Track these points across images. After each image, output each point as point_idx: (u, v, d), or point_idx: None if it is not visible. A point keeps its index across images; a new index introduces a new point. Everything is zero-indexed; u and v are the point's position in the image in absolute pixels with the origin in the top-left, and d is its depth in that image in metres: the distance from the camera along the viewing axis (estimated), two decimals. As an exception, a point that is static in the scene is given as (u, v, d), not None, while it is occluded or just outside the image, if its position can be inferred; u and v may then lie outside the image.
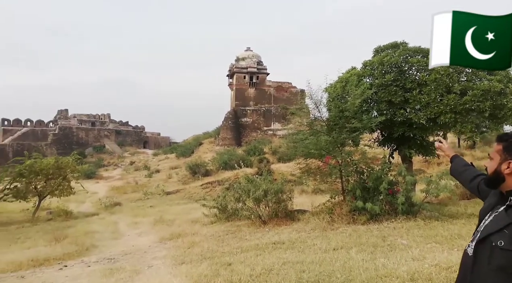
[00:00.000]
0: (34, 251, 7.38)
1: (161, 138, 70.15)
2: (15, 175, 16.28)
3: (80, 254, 7.29)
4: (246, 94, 48.73)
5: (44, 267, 6.16)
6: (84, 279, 4.97)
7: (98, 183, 33.75)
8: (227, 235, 7.71)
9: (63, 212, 16.01)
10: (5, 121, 53.70)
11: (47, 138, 52.82)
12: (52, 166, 16.76)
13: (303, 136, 8.76)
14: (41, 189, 16.67)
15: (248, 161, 27.43)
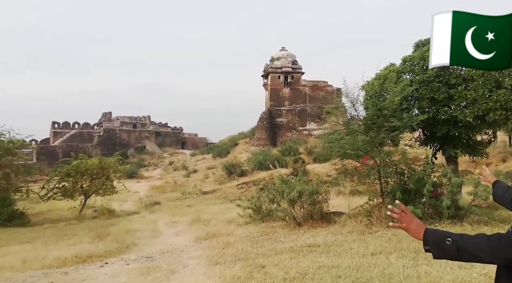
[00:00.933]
0: (78, 247, 7.75)
1: (198, 138, 71.71)
2: (63, 175, 17.31)
3: (120, 252, 7.55)
4: (281, 94, 48.52)
5: (86, 263, 6.44)
6: (122, 277, 5.13)
7: (139, 182, 35.08)
8: (261, 236, 7.66)
9: (106, 211, 16.78)
10: (55, 124, 57.37)
11: (93, 140, 55.80)
12: (96, 166, 17.62)
13: (339, 135, 8.51)
14: (86, 188, 17.58)
15: (283, 162, 27.26)
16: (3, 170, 14.88)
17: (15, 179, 15.68)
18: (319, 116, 43.84)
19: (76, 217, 15.97)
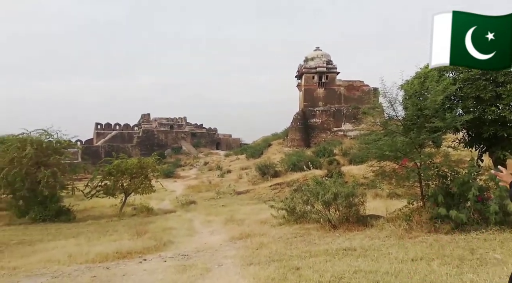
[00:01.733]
0: (119, 244, 8.08)
1: (232, 139, 72.55)
2: (105, 173, 18.16)
3: (158, 249, 7.78)
4: (315, 95, 47.92)
5: (126, 259, 6.70)
6: (160, 274, 5.27)
7: (176, 182, 36.06)
8: (295, 238, 7.59)
9: (145, 209, 17.41)
10: (98, 125, 60.38)
11: (133, 140, 58.13)
12: (135, 166, 18.33)
13: (376, 136, 8.25)
14: (126, 186, 18.32)
15: (317, 163, 26.90)
16: (51, 169, 15.85)
17: (62, 177, 16.65)
18: (354, 116, 42.81)
19: (117, 214, 16.69)
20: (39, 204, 15.40)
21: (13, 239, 10.43)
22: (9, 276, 5.48)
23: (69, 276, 5.40)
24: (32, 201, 15.61)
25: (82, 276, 5.34)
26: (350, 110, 45.65)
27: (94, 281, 5.08)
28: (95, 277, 5.24)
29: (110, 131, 59.59)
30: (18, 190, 15.49)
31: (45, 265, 6.23)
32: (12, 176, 15.06)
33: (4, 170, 15.08)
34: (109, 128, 60.46)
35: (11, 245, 9.44)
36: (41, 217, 14.95)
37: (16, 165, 15.31)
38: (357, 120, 38.43)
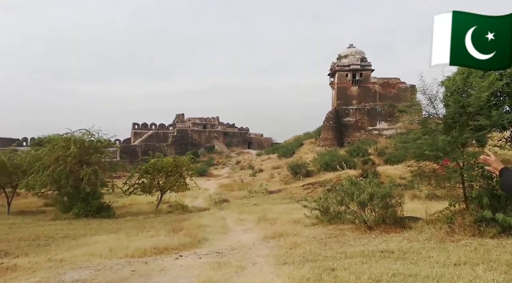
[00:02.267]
0: (156, 240, 8.35)
1: (264, 139, 72.73)
2: (142, 172, 18.83)
3: (193, 246, 7.96)
4: (349, 93, 46.92)
5: (163, 255, 6.91)
6: (195, 270, 5.39)
7: (209, 180, 36.70)
8: (330, 238, 7.48)
9: (180, 206, 17.87)
10: (136, 125, 62.70)
11: (168, 140, 59.82)
12: (170, 165, 18.85)
13: (415, 135, 7.93)
14: (162, 184, 18.89)
15: (350, 163, 26.35)
16: (92, 167, 16.67)
17: (102, 175, 17.44)
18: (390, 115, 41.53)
19: (154, 211, 17.26)
20: (82, 200, 16.23)
21: (59, 233, 11.07)
22: (56, 268, 5.81)
23: (110, 269, 5.64)
24: (75, 197, 16.48)
25: (123, 270, 5.56)
26: (385, 109, 44.29)
27: (134, 275, 5.27)
28: (134, 271, 5.44)
29: (146, 131, 61.67)
30: (63, 187, 16.40)
31: (89, 259, 6.56)
32: (57, 173, 15.98)
33: (50, 167, 16.04)
34: (145, 128, 62.59)
35: (57, 239, 10.03)
36: (83, 212, 15.76)
37: (61, 163, 16.23)
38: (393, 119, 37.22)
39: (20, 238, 10.19)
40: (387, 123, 44.05)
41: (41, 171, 16.18)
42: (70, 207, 16.40)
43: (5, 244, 9.01)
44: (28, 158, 17.73)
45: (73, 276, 5.27)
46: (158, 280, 4.98)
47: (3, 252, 7.58)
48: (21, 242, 9.40)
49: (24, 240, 9.85)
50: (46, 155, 16.76)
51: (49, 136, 19.63)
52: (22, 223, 14.05)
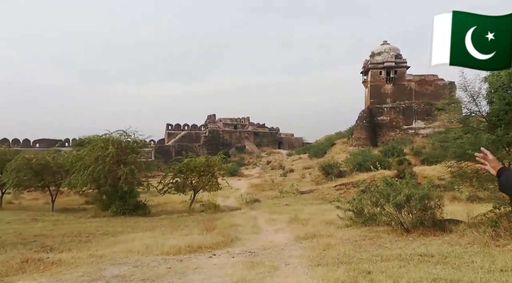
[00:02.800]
0: (190, 238, 8.52)
1: (294, 138, 72.30)
2: (176, 171, 19.29)
3: (226, 245, 8.05)
4: (383, 91, 45.60)
5: (197, 253, 7.04)
6: (229, 269, 5.44)
7: (240, 180, 36.97)
8: (364, 240, 7.30)
9: (212, 205, 18.13)
10: (169, 126, 64.41)
11: (200, 140, 60.98)
12: (203, 164, 19.17)
13: (456, 134, 7.57)
14: (195, 184, 19.25)
15: (385, 163, 25.59)
16: (129, 166, 17.29)
17: (138, 175, 18.05)
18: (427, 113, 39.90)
19: (187, 210, 17.63)
20: (119, 199, 16.89)
21: (99, 230, 11.58)
22: (97, 263, 6.08)
23: (147, 266, 5.83)
24: (113, 196, 17.16)
25: (159, 267, 5.72)
26: (422, 107, 42.69)
27: (170, 272, 5.41)
28: (170, 269, 5.58)
29: (179, 132, 63.16)
30: (102, 186, 17.14)
31: (127, 255, 6.81)
32: (97, 173, 16.72)
33: (90, 167, 16.81)
34: (178, 128, 64.14)
35: (97, 235, 10.49)
36: (121, 210, 16.38)
37: (100, 163, 16.96)
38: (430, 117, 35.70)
39: (63, 234, 10.76)
40: (424, 122, 42.37)
41: (82, 171, 17.00)
42: (108, 205, 17.09)
43: (50, 240, 9.55)
44: (70, 158, 18.69)
45: (113, 272, 5.49)
46: (193, 278, 5.08)
47: (48, 247, 8.04)
48: (64, 238, 9.92)
49: (67, 236, 10.40)
50: (86, 155, 17.59)
51: (89, 137, 20.60)
52: (65, 220, 14.82)
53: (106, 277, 5.20)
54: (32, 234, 10.91)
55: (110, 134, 18.59)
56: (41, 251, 7.35)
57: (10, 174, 18.43)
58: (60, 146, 35.74)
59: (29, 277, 5.29)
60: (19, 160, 19.03)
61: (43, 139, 52.82)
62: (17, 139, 52.64)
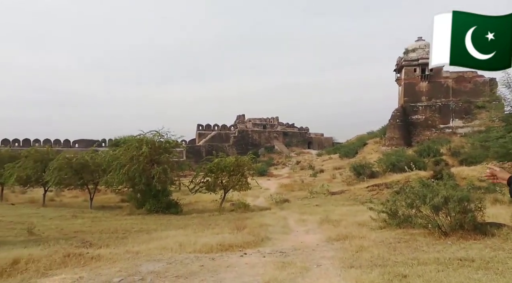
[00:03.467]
0: (221, 237, 8.62)
1: (324, 138, 71.40)
2: (206, 171, 19.60)
3: (256, 245, 8.07)
4: (417, 89, 44.00)
5: (228, 252, 7.11)
6: (260, 269, 5.46)
7: (269, 180, 36.97)
8: (399, 243, 7.07)
9: (242, 205, 18.25)
10: (200, 127, 65.62)
11: (229, 140, 61.66)
12: (233, 164, 19.35)
13: (498, 133, 7.20)
14: (225, 183, 19.47)
15: (420, 163, 24.63)
16: (162, 166, 17.77)
17: (171, 174, 18.50)
18: (466, 111, 38.12)
19: (217, 209, 17.87)
20: (153, 197, 17.40)
21: (134, 227, 12.00)
22: (133, 259, 6.30)
23: (181, 263, 5.96)
24: (147, 194, 17.71)
25: (192, 265, 5.84)
26: (460, 105, 40.81)
27: (202, 270, 5.51)
28: (203, 267, 5.68)
29: (210, 132, 64.18)
30: (137, 184, 17.72)
31: (161, 252, 7.00)
32: (132, 172, 17.31)
33: (126, 166, 17.44)
34: (209, 129, 65.20)
35: (133, 232, 10.88)
36: (154, 208, 16.88)
37: (134, 162, 17.56)
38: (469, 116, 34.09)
39: (101, 230, 11.25)
40: (462, 121, 40.49)
41: (118, 170, 17.66)
42: (143, 203, 17.65)
43: (89, 236, 10.01)
44: (107, 158, 19.47)
45: (148, 268, 5.66)
46: (225, 276, 5.14)
47: (88, 243, 8.42)
48: (102, 234, 10.37)
49: (105, 232, 10.85)
50: (122, 155, 18.27)
51: (124, 137, 21.37)
52: (103, 217, 15.48)
53: (142, 273, 5.37)
54: (73, 230, 11.49)
55: (144, 134, 19.18)
56: (81, 246, 7.71)
57: (52, 172, 19.47)
58: (97, 146, 37.33)
59: (71, 271, 5.56)
60: (60, 159, 20.07)
61: (82, 140, 55.47)
62: (58, 140, 55.60)
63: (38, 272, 5.41)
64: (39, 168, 20.97)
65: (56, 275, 5.35)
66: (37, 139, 53.95)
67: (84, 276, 5.22)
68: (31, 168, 20.79)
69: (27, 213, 16.36)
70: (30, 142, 51.85)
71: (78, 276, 5.25)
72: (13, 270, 5.44)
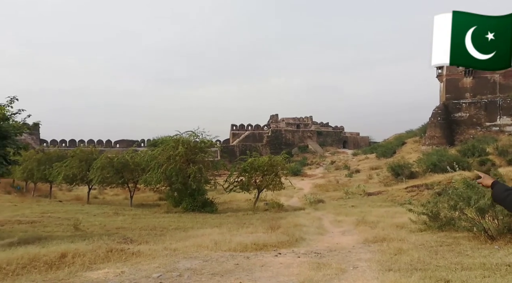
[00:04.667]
0: (255, 236, 8.67)
1: (360, 137, 69.70)
2: (240, 170, 19.79)
3: (290, 245, 8.04)
4: (460, 85, 41.77)
5: (263, 251, 7.14)
6: (295, 269, 5.43)
7: (303, 180, 36.68)
8: (441, 246, 6.76)
9: (276, 205, 18.25)
10: (234, 127, 66.38)
11: (263, 140, 61.87)
12: (266, 164, 19.39)
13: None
14: (259, 183, 19.55)
15: (464, 163, 23.37)
16: (198, 165, 18.17)
17: (206, 173, 18.88)
18: (515, 108, 35.64)
19: (251, 208, 17.99)
20: (189, 196, 17.83)
21: (171, 225, 12.36)
22: (171, 256, 6.50)
23: (216, 261, 6.07)
24: (183, 193, 18.17)
25: (227, 263, 5.93)
26: (508, 101, 38.25)
27: (237, 268, 5.57)
28: (237, 265, 5.75)
29: (243, 132, 64.75)
30: (173, 183, 18.25)
31: (197, 250, 7.16)
32: (169, 171, 17.84)
33: (163, 166, 18.01)
34: (242, 129, 65.79)
35: (170, 230, 11.21)
36: (190, 207, 17.29)
37: (171, 161, 18.09)
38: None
39: (141, 227, 11.69)
40: (510, 118, 37.90)
41: (156, 169, 18.28)
42: (179, 201, 18.15)
43: (130, 232, 10.45)
44: (146, 157, 20.21)
45: (185, 265, 5.82)
46: (260, 275, 5.17)
47: (129, 239, 8.79)
48: (142, 231, 10.77)
49: (144, 229, 11.27)
50: (159, 154, 18.89)
51: (161, 137, 22.08)
52: (142, 215, 16.09)
53: (180, 270, 5.53)
54: (115, 226, 12.03)
55: (181, 134, 19.70)
56: (122, 242, 8.06)
57: (95, 171, 20.53)
58: (137, 146, 38.87)
59: (113, 266, 5.83)
60: (103, 159, 21.10)
61: (123, 140, 58.04)
62: (101, 140, 58.52)
63: (84, 265, 5.72)
64: (84, 167, 22.18)
65: (100, 269, 5.63)
66: (82, 140, 57.12)
67: (125, 271, 5.46)
68: (76, 167, 22.03)
69: (73, 210, 17.38)
70: (75, 143, 55.00)
71: (120, 270, 5.49)
72: (61, 263, 5.79)
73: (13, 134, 9.33)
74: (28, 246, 7.20)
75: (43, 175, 23.89)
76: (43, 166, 24.00)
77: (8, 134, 9.08)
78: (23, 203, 19.99)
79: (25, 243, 7.77)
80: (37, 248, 6.63)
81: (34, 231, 10.77)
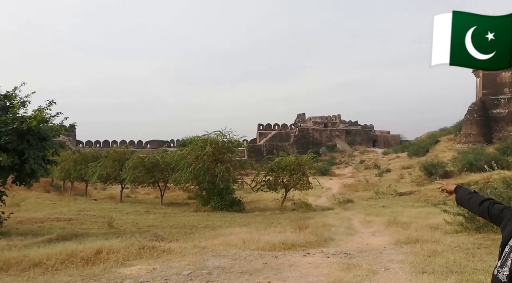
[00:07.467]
0: (283, 235, 8.65)
1: (390, 136, 67.79)
2: (268, 170, 19.80)
3: (319, 245, 7.95)
4: (499, 80, 39.61)
5: (291, 251, 7.11)
6: (324, 269, 5.37)
7: (331, 179, 36.15)
8: (479, 249, 6.45)
9: (304, 204, 18.11)
10: (261, 126, 66.50)
11: (290, 139, 61.54)
12: (293, 163, 19.28)
13: None
14: (286, 182, 19.48)
15: (503, 162, 22.16)
16: (225, 165, 18.36)
17: (233, 172, 19.04)
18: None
19: (279, 208, 17.96)
20: (217, 195, 18.06)
21: (200, 223, 12.57)
22: (201, 254, 6.61)
23: (245, 259, 6.11)
24: (212, 192, 18.43)
25: (255, 262, 5.95)
26: (553, 95, 35.83)
27: (266, 267, 5.58)
28: (266, 264, 5.76)
29: (270, 131, 64.71)
30: (202, 182, 18.55)
31: (226, 248, 7.24)
32: (197, 170, 18.15)
33: (192, 165, 18.35)
34: (269, 128, 65.77)
35: (199, 228, 11.40)
36: (219, 206, 17.50)
37: (199, 161, 18.39)
38: None
39: (171, 225, 11.97)
40: (555, 113, 35.54)
41: (185, 168, 18.65)
42: (208, 200, 18.42)
43: (160, 230, 10.71)
44: (175, 157, 20.66)
45: (214, 263, 5.90)
46: (289, 275, 5.15)
47: (160, 237, 9.01)
48: (172, 229, 11.02)
49: (174, 227, 11.53)
50: (188, 154, 19.25)
51: (190, 137, 22.49)
52: (172, 213, 16.46)
53: (209, 267, 5.61)
54: (146, 224, 12.39)
55: (208, 135, 19.98)
56: (154, 240, 8.28)
57: (128, 171, 21.24)
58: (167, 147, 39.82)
59: (145, 262, 6.01)
60: (135, 159, 21.79)
61: (153, 141, 59.66)
62: (133, 141, 60.43)
63: (118, 262, 5.93)
64: (117, 167, 23.00)
65: (133, 265, 5.82)
66: (115, 140, 59.22)
67: (157, 268, 5.61)
68: (110, 166, 22.88)
69: (107, 208, 18.07)
70: (109, 143, 57.09)
71: (152, 267, 5.65)
72: (96, 259, 6.03)
73: (52, 135, 9.83)
74: (66, 242, 7.56)
75: (79, 175, 25.01)
76: (79, 166, 25.11)
77: (47, 136, 9.57)
78: (61, 201, 21.01)
79: (63, 240, 8.17)
80: (74, 245, 6.94)
81: (72, 228, 11.30)
